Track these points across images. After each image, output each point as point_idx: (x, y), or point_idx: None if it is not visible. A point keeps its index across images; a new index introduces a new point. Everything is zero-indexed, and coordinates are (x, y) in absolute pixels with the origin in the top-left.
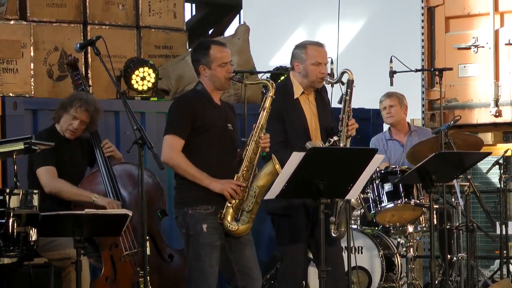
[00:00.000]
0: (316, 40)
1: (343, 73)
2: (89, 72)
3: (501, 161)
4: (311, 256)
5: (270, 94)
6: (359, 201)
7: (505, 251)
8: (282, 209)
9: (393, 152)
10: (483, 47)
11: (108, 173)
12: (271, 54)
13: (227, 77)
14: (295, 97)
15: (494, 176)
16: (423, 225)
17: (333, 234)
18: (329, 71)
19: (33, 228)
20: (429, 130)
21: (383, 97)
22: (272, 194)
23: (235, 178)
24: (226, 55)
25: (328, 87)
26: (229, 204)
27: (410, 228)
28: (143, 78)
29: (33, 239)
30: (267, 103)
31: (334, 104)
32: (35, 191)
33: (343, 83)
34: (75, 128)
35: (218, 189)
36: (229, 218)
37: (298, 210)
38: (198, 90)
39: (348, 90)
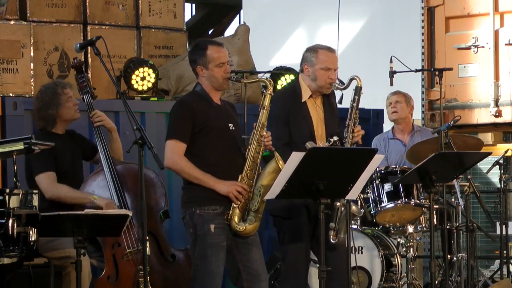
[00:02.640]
0: (327, 45)
1: (351, 79)
2: (89, 72)
3: (501, 161)
4: (314, 257)
5: (269, 92)
6: (361, 207)
7: (505, 251)
8: (283, 211)
9: (394, 152)
10: (483, 47)
11: (112, 172)
12: (271, 54)
13: (225, 77)
14: (303, 100)
15: (494, 176)
16: (423, 225)
17: (331, 240)
18: None
19: (33, 228)
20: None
21: (390, 94)
22: (272, 194)
23: (239, 178)
24: (223, 55)
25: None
26: (235, 205)
27: (410, 228)
28: (143, 78)
29: (33, 239)
30: (267, 101)
31: (346, 104)
32: (35, 191)
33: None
34: (76, 103)
35: (223, 191)
36: (236, 219)
37: (299, 211)
38: (197, 92)
39: (356, 97)
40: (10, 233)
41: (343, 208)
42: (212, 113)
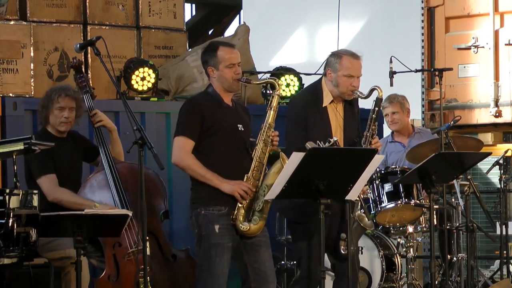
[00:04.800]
0: (352, 51)
1: (372, 89)
2: (89, 72)
3: (501, 161)
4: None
5: (277, 93)
6: (361, 207)
7: (505, 251)
8: (295, 215)
9: (394, 154)
10: (483, 47)
11: (113, 172)
12: (271, 54)
13: (235, 78)
14: (323, 105)
15: (494, 176)
16: (423, 225)
17: (342, 251)
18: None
19: (33, 229)
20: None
21: (385, 103)
22: (272, 194)
23: (245, 178)
24: (234, 57)
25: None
26: (240, 205)
27: (410, 229)
28: (143, 79)
29: (33, 239)
30: (275, 102)
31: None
32: (35, 191)
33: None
34: (67, 117)
35: (228, 190)
36: (241, 218)
37: (312, 216)
38: (208, 92)
39: (376, 108)
40: (10, 233)
41: (354, 221)
42: (221, 113)
